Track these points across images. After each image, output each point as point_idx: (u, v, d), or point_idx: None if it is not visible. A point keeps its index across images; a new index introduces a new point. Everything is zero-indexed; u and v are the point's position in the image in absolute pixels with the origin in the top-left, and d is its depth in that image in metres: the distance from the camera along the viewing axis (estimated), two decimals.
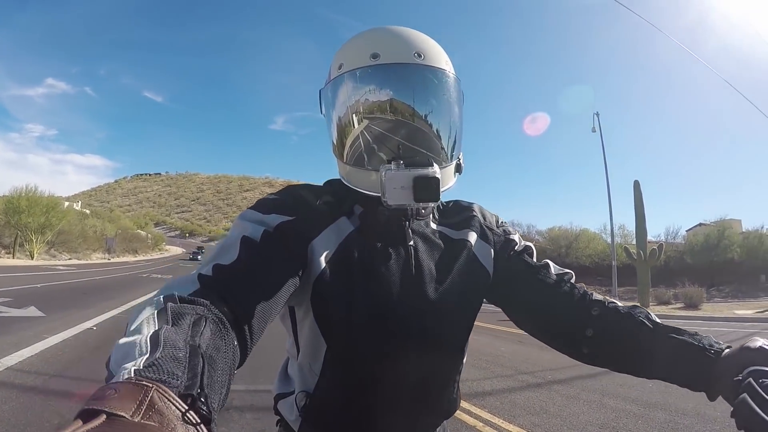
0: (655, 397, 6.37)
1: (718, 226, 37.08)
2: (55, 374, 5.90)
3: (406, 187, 1.01)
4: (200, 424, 0.50)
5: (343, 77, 1.10)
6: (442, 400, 1.18)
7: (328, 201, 1.11)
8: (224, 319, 0.76)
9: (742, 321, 17.42)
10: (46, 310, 11.01)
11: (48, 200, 41.54)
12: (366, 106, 1.08)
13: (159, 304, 0.72)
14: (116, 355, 0.60)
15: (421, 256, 1.12)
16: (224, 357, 0.69)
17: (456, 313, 1.13)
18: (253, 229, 0.98)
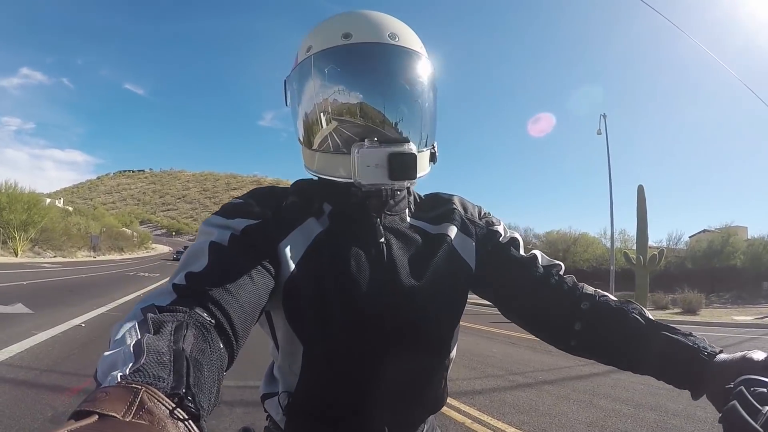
0: (645, 398, 6.43)
1: (723, 232, 36.92)
2: (46, 369, 5.90)
3: (380, 165, 0.99)
4: (188, 420, 0.51)
5: (312, 58, 1.06)
6: (426, 396, 1.15)
7: (294, 202, 1.08)
8: (206, 325, 0.75)
9: (740, 327, 17.43)
10: (34, 307, 10.96)
11: (29, 197, 40.87)
12: (338, 87, 1.05)
13: (138, 315, 0.71)
14: (102, 367, 0.60)
15: (394, 253, 1.08)
16: (210, 359, 0.69)
17: (435, 309, 1.08)
18: (220, 234, 0.96)
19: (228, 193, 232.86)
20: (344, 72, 1.05)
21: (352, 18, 1.08)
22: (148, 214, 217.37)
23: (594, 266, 39.68)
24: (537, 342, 7.00)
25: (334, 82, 1.04)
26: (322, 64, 1.05)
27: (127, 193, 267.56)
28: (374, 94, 1.04)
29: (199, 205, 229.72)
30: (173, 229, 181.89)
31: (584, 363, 9.04)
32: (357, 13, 1.09)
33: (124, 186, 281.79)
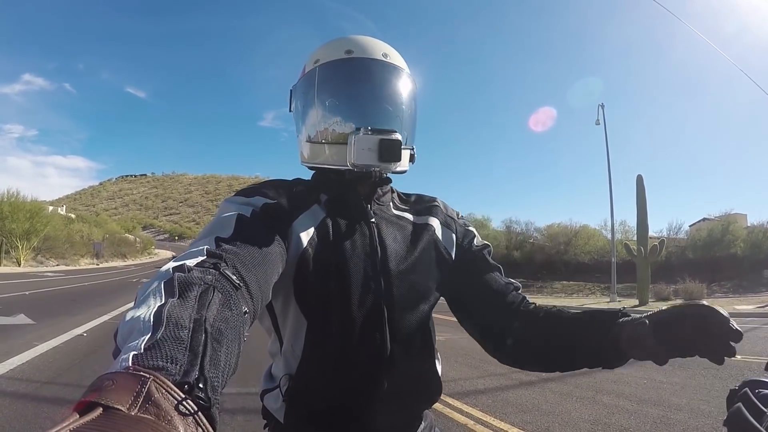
0: (648, 393, 6.42)
1: (723, 220, 36.68)
2: (47, 381, 5.89)
3: (372, 149, 1.16)
4: (198, 413, 0.50)
5: (322, 67, 1.27)
6: (420, 379, 1.25)
7: (302, 190, 1.23)
8: (233, 287, 0.78)
9: (742, 316, 17.29)
10: (36, 318, 10.99)
11: (31, 205, 41.07)
12: (341, 92, 1.26)
13: (167, 274, 0.73)
14: (122, 330, 0.62)
15: (383, 235, 1.23)
16: (233, 328, 0.70)
17: (418, 288, 1.23)
18: (243, 209, 1.05)
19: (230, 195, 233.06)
20: (345, 79, 1.26)
21: (354, 40, 1.29)
22: (151, 219, 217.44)
23: (595, 258, 39.53)
24: None
25: (336, 86, 1.26)
26: (327, 72, 1.26)
27: (129, 198, 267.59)
28: (368, 97, 1.26)
29: (202, 208, 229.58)
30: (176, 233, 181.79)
31: None
32: (357, 37, 1.31)
33: (126, 191, 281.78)
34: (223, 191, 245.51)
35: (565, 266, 40.03)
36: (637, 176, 26.04)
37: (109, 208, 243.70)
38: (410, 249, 1.25)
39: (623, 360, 1.08)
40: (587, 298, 30.97)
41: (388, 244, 1.22)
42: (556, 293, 35.40)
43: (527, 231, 47.23)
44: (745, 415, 0.82)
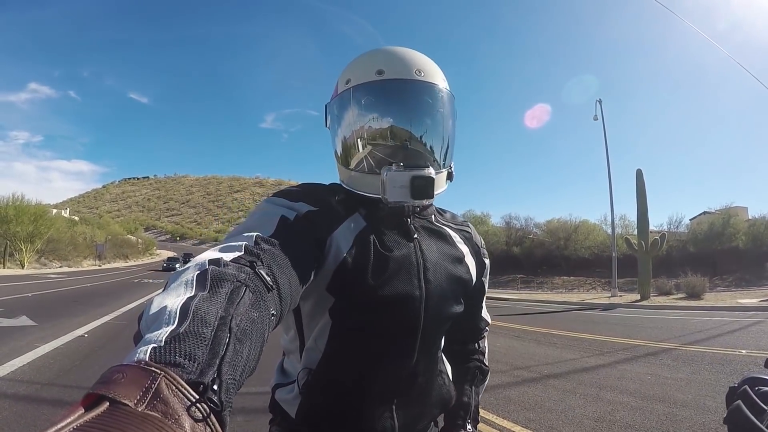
0: (653, 389, 6.38)
1: (723, 213, 36.55)
2: (47, 383, 5.89)
3: (404, 186, 1.13)
4: (209, 416, 0.49)
5: (351, 91, 1.21)
6: (433, 387, 1.29)
7: (344, 199, 1.21)
8: (266, 288, 0.78)
9: (746, 310, 17.36)
10: (38, 319, 11.02)
11: (36, 208, 41.37)
12: (372, 116, 1.19)
13: (203, 266, 0.73)
14: (147, 317, 0.62)
15: (424, 249, 1.22)
16: (258, 329, 0.69)
17: (450, 302, 1.25)
18: (287, 213, 1.05)
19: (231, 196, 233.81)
20: (377, 103, 1.19)
21: (385, 55, 1.23)
22: (153, 221, 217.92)
23: (596, 253, 39.49)
24: (541, 335, 7.05)
25: (368, 112, 1.19)
26: (358, 97, 1.20)
27: (131, 201, 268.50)
28: (402, 122, 1.19)
29: (203, 209, 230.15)
30: (177, 234, 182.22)
31: (589, 354, 9.06)
32: (389, 50, 1.25)
33: (129, 193, 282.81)
34: (224, 192, 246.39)
35: (566, 261, 40.09)
36: (636, 170, 26.13)
37: (112, 210, 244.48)
38: (447, 264, 1.25)
39: None
40: (588, 293, 31.05)
41: (429, 257, 1.21)
42: (556, 288, 35.51)
43: (527, 226, 47.33)
44: (745, 413, 0.82)
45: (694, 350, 9.37)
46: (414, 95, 1.20)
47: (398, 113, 1.19)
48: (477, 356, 1.51)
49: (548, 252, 41.88)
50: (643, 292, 23.82)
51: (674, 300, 22.50)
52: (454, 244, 1.32)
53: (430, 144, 1.22)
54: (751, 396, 0.88)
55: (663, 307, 19.90)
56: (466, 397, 1.45)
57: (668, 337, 11.30)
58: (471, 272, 1.33)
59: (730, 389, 0.98)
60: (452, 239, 1.32)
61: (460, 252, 1.32)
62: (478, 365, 1.50)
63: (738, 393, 0.92)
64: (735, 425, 0.85)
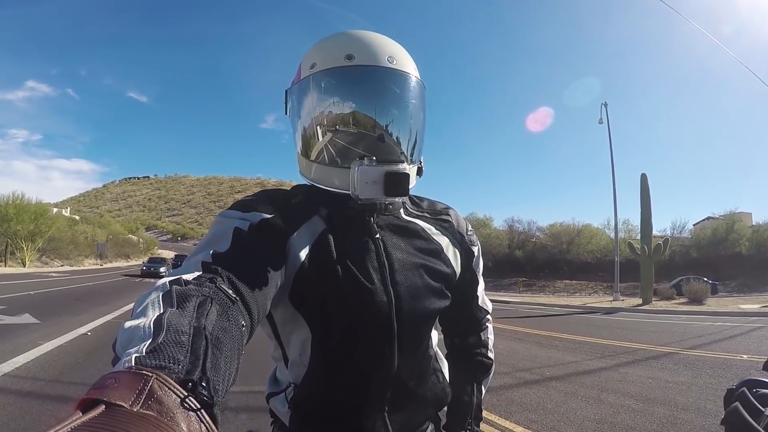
0: (654, 392, 6.39)
1: (727, 219, 36.79)
2: (52, 379, 5.92)
3: (377, 182, 1.07)
4: (201, 410, 0.50)
5: (317, 75, 1.13)
6: (425, 387, 1.24)
7: (301, 201, 1.16)
8: (230, 300, 0.78)
9: (747, 315, 17.38)
10: (41, 317, 11.03)
11: (36, 207, 41.27)
12: (340, 105, 1.12)
13: (165, 287, 0.73)
14: (121, 338, 0.62)
15: (390, 249, 1.16)
16: (231, 337, 0.70)
17: (425, 300, 1.18)
18: (240, 224, 1.01)
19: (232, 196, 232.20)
20: (347, 91, 1.13)
21: (355, 39, 1.15)
22: (154, 220, 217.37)
23: (598, 257, 39.62)
24: (543, 337, 7.06)
25: (336, 99, 1.12)
26: (324, 82, 1.13)
27: (132, 200, 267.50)
28: (373, 112, 1.12)
29: (204, 209, 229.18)
30: (179, 234, 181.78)
31: (591, 357, 9.05)
32: (359, 35, 1.17)
33: (130, 193, 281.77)
34: (225, 192, 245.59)
35: (568, 265, 40.13)
36: (641, 175, 26.13)
37: (113, 210, 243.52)
38: (418, 262, 1.19)
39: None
40: (590, 297, 31.01)
41: (395, 257, 1.16)
42: (558, 292, 35.47)
43: (529, 230, 47.47)
44: (743, 415, 0.83)
45: (696, 354, 9.40)
46: (386, 84, 1.13)
47: (369, 102, 1.13)
48: (479, 349, 1.44)
49: (551, 256, 41.92)
50: (645, 297, 23.82)
51: (676, 305, 22.48)
52: (428, 237, 1.25)
53: (402, 137, 1.16)
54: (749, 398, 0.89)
55: (665, 312, 19.89)
56: (467, 396, 1.41)
57: (670, 341, 11.33)
58: (453, 264, 1.28)
59: (728, 391, 0.99)
60: (425, 233, 1.26)
61: (437, 244, 1.26)
62: (479, 360, 1.44)
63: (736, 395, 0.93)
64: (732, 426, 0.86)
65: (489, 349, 1.46)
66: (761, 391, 0.91)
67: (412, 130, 1.18)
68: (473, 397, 1.41)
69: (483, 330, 1.47)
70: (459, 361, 1.43)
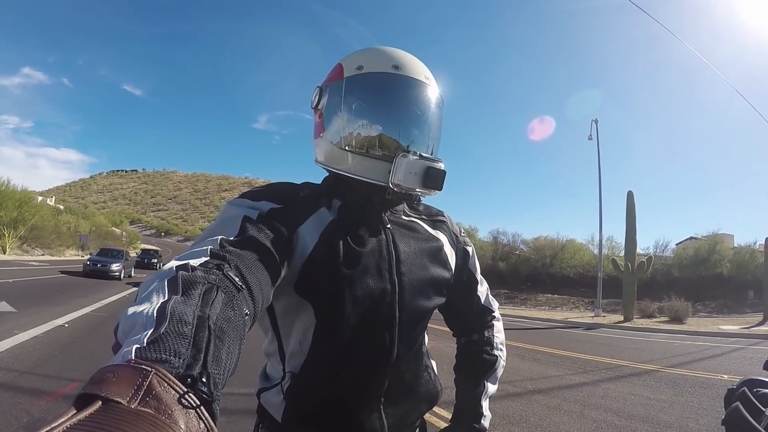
0: (637, 409, 6.40)
1: (710, 240, 37.35)
2: (25, 371, 5.79)
3: (418, 174, 1.15)
4: (200, 407, 0.49)
5: (367, 75, 1.22)
6: (419, 382, 1.31)
7: (309, 194, 1.21)
8: (236, 288, 0.79)
9: (727, 336, 17.60)
10: (18, 306, 10.89)
11: (21, 194, 40.99)
12: (389, 106, 1.22)
13: (171, 272, 0.73)
14: (123, 324, 0.63)
15: (397, 240, 1.24)
16: (234, 327, 0.70)
17: (426, 294, 1.26)
18: (249, 212, 1.04)
19: (219, 195, 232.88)
20: (394, 94, 1.23)
21: (400, 54, 1.26)
22: (139, 214, 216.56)
23: (581, 273, 40.02)
24: (526, 350, 7.09)
25: (383, 99, 1.23)
26: (373, 83, 1.22)
27: (118, 193, 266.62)
28: (416, 119, 1.24)
29: (190, 206, 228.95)
30: (163, 229, 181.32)
31: (573, 372, 9.08)
32: (402, 52, 1.28)
33: (117, 186, 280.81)
34: (212, 190, 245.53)
35: (551, 279, 40.50)
36: (627, 192, 26.40)
37: (98, 202, 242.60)
38: (421, 256, 1.27)
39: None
40: (571, 312, 31.29)
41: (402, 249, 1.23)
42: (539, 305, 35.78)
43: (514, 242, 47.98)
44: (743, 414, 0.84)
45: (677, 373, 9.47)
46: (425, 96, 1.25)
47: (413, 108, 1.23)
48: (483, 347, 1.50)
49: (534, 269, 42.32)
50: (627, 314, 24.06)
51: (657, 323, 22.71)
52: (429, 235, 1.34)
53: (434, 142, 1.28)
54: (749, 397, 0.90)
55: (646, 330, 20.06)
56: (470, 393, 1.46)
57: (651, 358, 11.41)
58: (450, 263, 1.36)
59: (729, 391, 1.00)
60: (426, 231, 1.34)
61: (437, 241, 1.34)
62: (483, 357, 1.49)
63: (736, 394, 0.94)
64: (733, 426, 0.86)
65: (494, 347, 1.51)
66: (762, 390, 0.92)
67: (438, 139, 1.30)
68: (473, 392, 1.45)
69: (488, 329, 1.53)
70: (464, 360, 1.51)
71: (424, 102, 1.25)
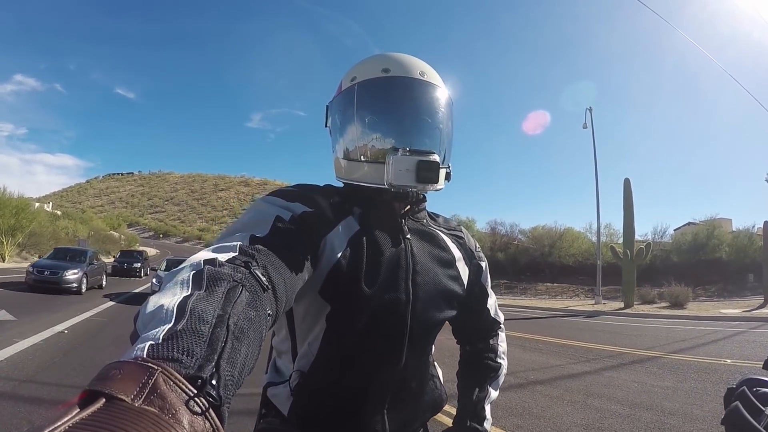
0: (640, 397, 6.39)
1: (708, 225, 37.41)
2: (25, 380, 5.76)
3: (410, 170, 1.15)
4: (208, 411, 0.49)
5: (357, 86, 1.25)
6: (424, 390, 1.34)
7: (337, 201, 1.22)
8: (262, 288, 0.78)
9: (729, 320, 17.62)
10: (18, 314, 10.85)
11: (18, 201, 40.90)
12: (378, 110, 1.24)
13: (198, 266, 0.73)
14: (143, 315, 0.62)
15: (416, 251, 1.25)
16: (255, 328, 0.69)
17: (438, 306, 1.27)
18: (282, 213, 1.05)
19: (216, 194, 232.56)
20: (382, 97, 1.24)
21: (391, 58, 1.28)
22: (136, 217, 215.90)
23: (580, 261, 40.10)
24: (527, 340, 7.05)
25: (373, 105, 1.24)
26: (364, 91, 1.24)
27: (115, 196, 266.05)
28: (406, 117, 1.24)
29: (187, 207, 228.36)
30: (161, 231, 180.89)
31: (575, 361, 9.08)
32: (395, 54, 1.30)
33: (113, 189, 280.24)
34: (209, 190, 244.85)
35: (550, 268, 40.53)
36: (624, 180, 26.43)
37: (96, 206, 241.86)
38: (437, 267, 1.29)
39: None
40: (571, 300, 31.33)
41: (419, 259, 1.24)
42: (539, 295, 35.81)
43: (512, 233, 47.99)
44: (743, 414, 0.84)
45: (680, 359, 9.48)
46: (417, 92, 1.25)
47: (403, 108, 1.24)
48: (487, 354, 1.53)
49: (532, 259, 42.33)
50: (627, 301, 24.10)
51: (658, 309, 22.75)
52: (446, 247, 1.35)
53: (432, 140, 1.26)
54: (749, 397, 0.90)
55: (647, 316, 20.10)
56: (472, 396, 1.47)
57: (653, 345, 11.42)
58: (462, 277, 1.36)
59: (729, 390, 1.00)
60: (444, 242, 1.35)
61: (452, 255, 1.35)
62: (486, 363, 1.52)
63: (736, 394, 0.94)
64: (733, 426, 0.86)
65: (498, 355, 1.54)
66: (761, 390, 0.92)
67: (441, 135, 1.28)
68: (476, 396, 1.47)
69: (493, 338, 1.56)
70: (467, 366, 1.55)
71: (417, 98, 1.25)
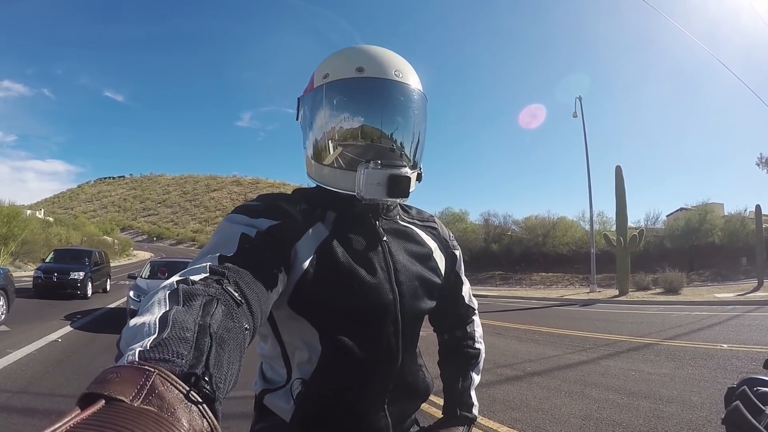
0: (637, 385, 6.40)
1: (700, 210, 37.49)
2: (18, 391, 5.71)
3: (381, 183, 1.15)
4: (203, 404, 0.51)
5: (330, 85, 1.22)
6: (418, 380, 1.35)
7: (305, 209, 1.21)
8: (235, 303, 0.80)
9: (723, 304, 17.67)
10: (11, 324, 10.79)
11: (9, 210, 40.73)
12: (350, 113, 1.21)
13: (172, 286, 0.74)
14: (126, 335, 0.63)
15: (394, 251, 1.27)
16: (235, 338, 0.71)
17: (422, 300, 1.30)
18: (247, 230, 1.05)
19: (208, 195, 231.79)
20: (356, 100, 1.22)
21: (365, 53, 1.25)
22: (129, 221, 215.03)
23: (574, 250, 40.15)
24: (522, 331, 7.03)
25: (346, 108, 1.21)
26: (336, 91, 1.21)
27: (107, 201, 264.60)
28: (379, 121, 1.21)
29: (180, 208, 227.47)
30: (154, 234, 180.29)
31: (572, 351, 9.09)
32: (369, 49, 1.27)
33: (105, 193, 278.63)
34: (201, 191, 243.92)
35: (544, 258, 40.60)
36: (615, 167, 26.46)
37: (88, 211, 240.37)
38: (416, 263, 1.31)
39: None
40: (566, 289, 31.40)
41: (398, 259, 1.26)
42: (534, 285, 35.92)
43: (505, 223, 47.92)
44: (744, 413, 0.84)
45: (676, 345, 9.51)
46: (393, 95, 1.22)
47: (376, 112, 1.22)
48: (465, 341, 1.56)
49: (526, 249, 42.38)
50: (622, 288, 24.16)
51: (652, 295, 22.84)
52: (422, 241, 1.37)
53: (405, 143, 1.25)
54: (750, 396, 0.89)
55: (642, 302, 20.20)
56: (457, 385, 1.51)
57: (649, 332, 11.45)
58: (440, 267, 1.40)
59: (729, 389, 0.99)
60: (419, 237, 1.38)
61: (428, 248, 1.38)
62: (466, 351, 1.55)
63: (737, 393, 0.93)
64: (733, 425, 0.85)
65: (476, 340, 1.57)
66: (762, 389, 0.92)
67: (414, 137, 1.27)
68: (461, 385, 1.51)
69: (469, 324, 1.59)
70: (448, 355, 1.56)
71: (391, 102, 1.23)
